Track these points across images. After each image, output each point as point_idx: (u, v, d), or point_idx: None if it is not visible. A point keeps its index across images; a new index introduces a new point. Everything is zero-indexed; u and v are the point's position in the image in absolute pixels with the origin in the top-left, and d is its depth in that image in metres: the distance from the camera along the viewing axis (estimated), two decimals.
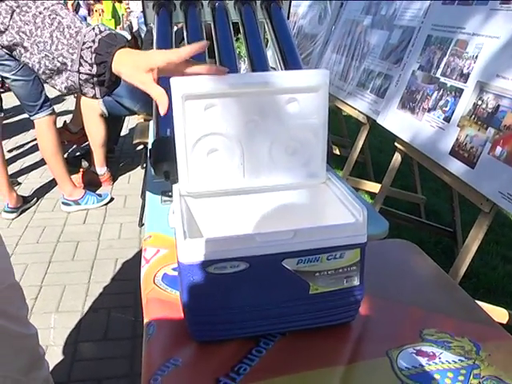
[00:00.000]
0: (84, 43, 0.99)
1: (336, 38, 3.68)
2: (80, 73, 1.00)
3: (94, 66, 0.99)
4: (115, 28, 9.03)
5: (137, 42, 8.12)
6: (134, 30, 8.83)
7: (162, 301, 1.04)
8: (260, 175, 1.01)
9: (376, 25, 3.18)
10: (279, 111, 0.97)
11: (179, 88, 0.90)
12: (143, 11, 1.98)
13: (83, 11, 9.77)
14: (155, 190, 1.61)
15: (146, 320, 0.99)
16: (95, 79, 1.01)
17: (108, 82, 1.02)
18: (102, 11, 9.54)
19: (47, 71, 1.02)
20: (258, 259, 0.84)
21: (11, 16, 0.99)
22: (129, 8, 9.91)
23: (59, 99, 6.42)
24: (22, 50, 1.02)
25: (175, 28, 1.97)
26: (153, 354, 0.91)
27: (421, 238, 3.04)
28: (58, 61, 1.00)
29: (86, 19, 9.40)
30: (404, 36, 2.80)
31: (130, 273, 2.81)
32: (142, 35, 7.20)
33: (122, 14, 9.48)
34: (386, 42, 2.97)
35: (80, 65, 0.99)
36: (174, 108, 0.92)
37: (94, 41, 0.99)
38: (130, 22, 9.51)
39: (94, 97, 1.05)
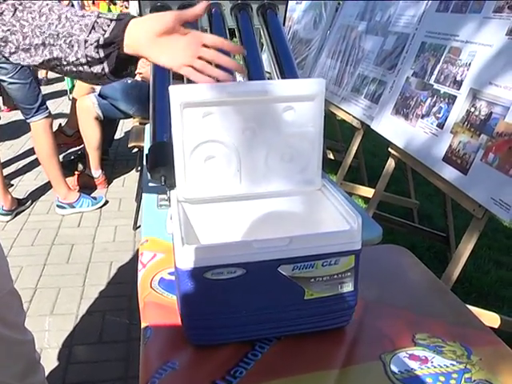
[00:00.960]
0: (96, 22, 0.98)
1: (331, 43, 3.71)
2: (97, 20, 0.98)
3: (107, 31, 0.98)
4: None
5: None
6: None
7: (158, 305, 1.05)
8: (256, 182, 1.03)
9: (371, 31, 3.21)
10: (276, 119, 0.99)
11: (178, 96, 0.92)
12: (140, 16, 1.99)
13: None
14: (151, 195, 1.62)
15: (143, 324, 1.00)
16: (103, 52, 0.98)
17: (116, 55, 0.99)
18: None
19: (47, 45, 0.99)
20: (254, 265, 0.86)
21: (13, 13, 0.98)
22: (125, 9, 9.93)
23: (55, 102, 6.43)
24: (21, 38, 0.98)
25: None
26: (150, 357, 0.92)
27: (414, 243, 3.06)
28: (64, 35, 0.98)
29: None
30: (398, 42, 2.83)
31: (124, 276, 2.82)
32: None
33: None
34: (381, 48, 3.00)
35: (89, 33, 0.97)
36: (173, 115, 0.94)
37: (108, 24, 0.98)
38: None
39: (103, 73, 1.01)
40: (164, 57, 0.96)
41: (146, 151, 1.94)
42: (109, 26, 0.97)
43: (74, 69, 1.01)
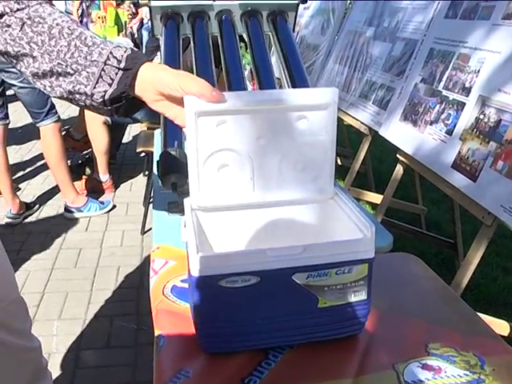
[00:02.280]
0: (111, 54, 0.97)
1: (338, 48, 3.71)
2: (104, 68, 0.97)
3: (122, 62, 0.96)
4: (118, 35, 9.04)
5: (138, 49, 8.20)
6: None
7: (171, 312, 1.06)
8: (269, 190, 1.03)
9: (379, 37, 3.21)
10: (289, 128, 0.99)
11: (193, 105, 0.92)
12: (151, 23, 2.00)
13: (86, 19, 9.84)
14: (162, 201, 1.63)
15: (156, 332, 1.01)
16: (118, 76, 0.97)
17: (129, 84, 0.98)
18: (105, 18, 9.57)
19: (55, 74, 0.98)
20: (268, 273, 0.86)
21: (21, 28, 0.96)
22: (131, 15, 9.99)
23: (63, 106, 6.45)
24: (31, 60, 0.98)
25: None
26: (164, 365, 0.92)
27: (421, 249, 3.05)
28: (72, 68, 0.97)
29: (87, 25, 9.46)
30: (406, 48, 2.83)
31: (132, 281, 2.83)
32: (144, 42, 7.24)
33: (125, 22, 9.55)
34: (389, 54, 3.00)
35: (96, 82, 0.98)
36: (187, 124, 0.94)
37: (122, 55, 0.97)
38: (132, 29, 9.58)
39: (113, 115, 1.03)
40: (170, 114, 0.99)
41: (155, 157, 1.95)
42: (116, 74, 0.97)
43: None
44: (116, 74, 0.97)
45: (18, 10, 0.97)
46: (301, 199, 1.05)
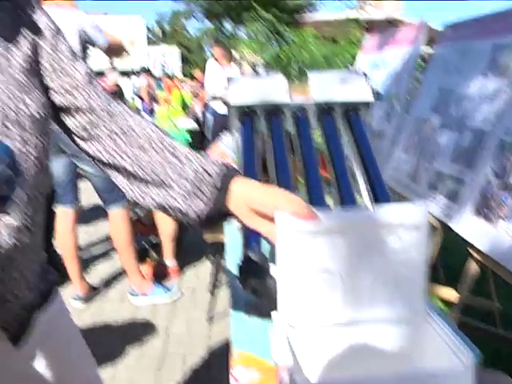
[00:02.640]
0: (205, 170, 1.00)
1: (404, 136, 3.71)
2: (198, 185, 0.99)
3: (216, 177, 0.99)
4: (182, 116, 9.33)
5: (201, 129, 8.44)
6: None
7: None
8: (360, 309, 1.02)
9: (445, 125, 3.18)
10: (380, 246, 0.99)
11: (285, 222, 0.94)
12: (229, 119, 2.06)
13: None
14: (240, 300, 1.62)
15: None
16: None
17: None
18: (169, 100, 9.93)
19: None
20: None
21: (113, 140, 0.99)
22: (195, 95, 10.36)
23: None
24: (123, 170, 1.00)
25: None
26: None
27: (497, 349, 2.92)
28: (164, 182, 0.98)
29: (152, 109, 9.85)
30: (475, 138, 2.78)
31: (199, 371, 2.79)
32: (209, 125, 7.46)
33: (190, 103, 9.89)
34: (457, 144, 2.96)
35: (190, 200, 0.99)
36: (278, 241, 0.95)
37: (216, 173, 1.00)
38: (195, 110, 9.90)
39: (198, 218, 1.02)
40: (263, 229, 1.00)
41: (228, 249, 1.96)
42: (210, 192, 0.99)
43: None
44: (210, 192, 0.99)
45: (109, 121, 1.00)
46: (392, 318, 1.03)
